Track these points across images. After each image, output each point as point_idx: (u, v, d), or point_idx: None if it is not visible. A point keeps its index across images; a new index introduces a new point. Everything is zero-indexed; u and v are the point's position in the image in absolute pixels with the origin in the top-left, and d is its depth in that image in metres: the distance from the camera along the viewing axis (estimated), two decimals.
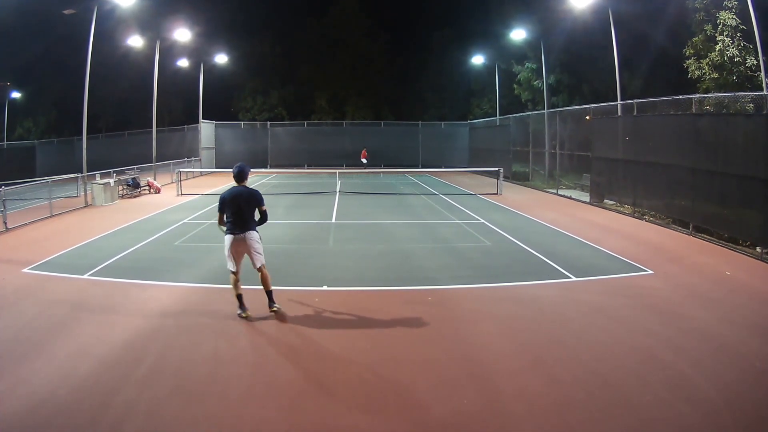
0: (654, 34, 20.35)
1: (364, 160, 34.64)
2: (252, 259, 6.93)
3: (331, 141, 37.79)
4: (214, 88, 37.20)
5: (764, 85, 12.98)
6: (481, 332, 6.62)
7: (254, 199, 6.94)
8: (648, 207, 15.15)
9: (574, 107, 22.87)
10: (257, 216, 7.01)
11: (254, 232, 6.95)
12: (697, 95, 14.20)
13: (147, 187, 21.98)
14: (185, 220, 14.77)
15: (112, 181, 19.56)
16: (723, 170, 11.69)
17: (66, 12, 21.43)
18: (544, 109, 25.12)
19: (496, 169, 22.96)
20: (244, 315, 6.98)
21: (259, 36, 42.39)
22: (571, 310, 7.44)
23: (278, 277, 9.07)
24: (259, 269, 6.97)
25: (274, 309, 7.07)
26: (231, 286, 7.04)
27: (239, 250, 6.89)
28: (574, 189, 21.53)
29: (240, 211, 6.86)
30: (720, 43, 15.04)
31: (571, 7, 21.00)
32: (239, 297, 7.04)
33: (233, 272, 6.93)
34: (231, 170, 7.15)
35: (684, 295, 8.20)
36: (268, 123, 39.11)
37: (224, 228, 6.93)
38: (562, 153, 22.27)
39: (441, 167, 33.23)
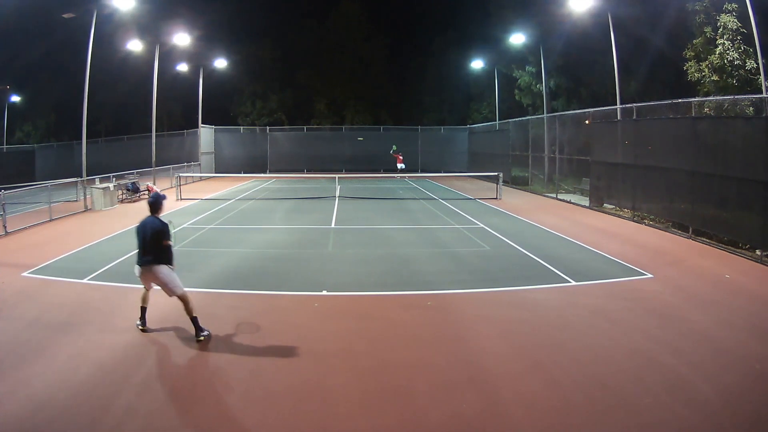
0: (652, 38, 20.39)
1: (402, 165, 34.02)
2: (164, 290, 6.63)
3: (331, 146, 37.85)
4: (214, 92, 37.27)
5: (764, 88, 13.01)
6: (480, 336, 6.62)
7: (157, 232, 6.62)
8: (647, 211, 15.16)
9: (573, 111, 22.90)
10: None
11: (161, 265, 6.57)
12: (697, 98, 14.23)
13: (146, 192, 21.93)
14: (184, 225, 14.75)
15: (111, 185, 19.56)
16: (722, 173, 11.71)
17: (65, 16, 21.54)
18: (543, 113, 25.17)
19: (496, 173, 23.01)
20: (141, 327, 6.75)
21: (259, 40, 42.48)
22: (570, 314, 7.44)
23: (278, 281, 9.13)
24: (180, 297, 6.60)
25: (201, 338, 6.49)
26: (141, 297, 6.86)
27: (147, 279, 6.67)
28: (574, 193, 21.55)
29: (144, 243, 6.63)
30: (720, 46, 15.08)
31: (571, 11, 21.07)
32: (143, 309, 6.81)
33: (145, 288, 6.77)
34: (231, 174, 7.12)
35: (683, 298, 8.20)
36: (268, 128, 39.16)
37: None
38: (562, 157, 22.29)
39: (440, 172, 33.25)
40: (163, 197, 7.02)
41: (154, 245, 6.57)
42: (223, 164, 34.94)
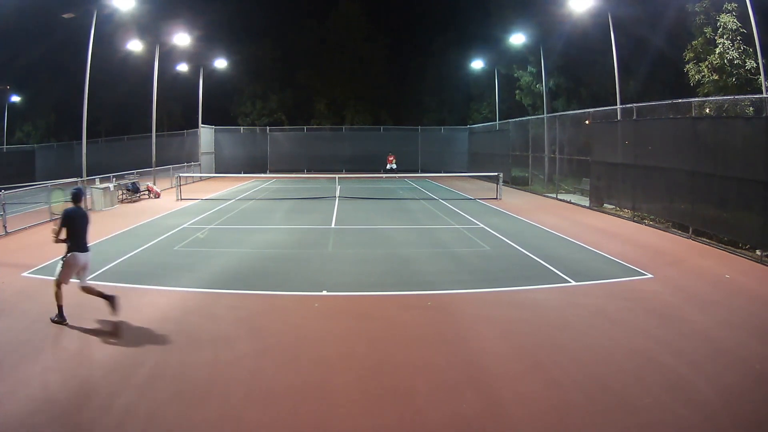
0: (652, 38, 20.40)
1: (394, 165, 34.32)
2: (83, 276, 7.14)
3: (331, 146, 37.86)
4: (214, 92, 37.27)
5: (764, 88, 13.00)
6: (480, 336, 6.62)
7: (88, 221, 7.41)
8: (647, 211, 15.16)
9: (573, 111, 22.90)
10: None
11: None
12: (697, 99, 14.23)
13: (146, 192, 21.97)
14: (184, 225, 14.74)
15: (111, 185, 19.56)
16: (722, 173, 11.71)
17: (65, 16, 21.57)
18: (543, 113, 25.17)
19: (496, 173, 23.01)
20: (61, 321, 6.93)
21: (259, 40, 42.46)
22: (570, 314, 7.44)
23: (278, 281, 9.12)
24: (85, 287, 7.14)
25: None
26: (55, 296, 7.00)
27: (79, 265, 7.08)
28: (574, 193, 21.55)
29: (83, 231, 7.22)
30: (720, 46, 15.07)
31: (571, 11, 21.07)
32: (61, 307, 7.00)
33: (61, 283, 6.97)
34: (231, 174, 7.20)
35: (683, 298, 8.20)
36: (268, 128, 39.18)
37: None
38: (562, 157, 22.29)
39: (440, 172, 33.24)
40: (84, 191, 7.74)
41: (86, 233, 7.30)
42: (223, 164, 34.94)
